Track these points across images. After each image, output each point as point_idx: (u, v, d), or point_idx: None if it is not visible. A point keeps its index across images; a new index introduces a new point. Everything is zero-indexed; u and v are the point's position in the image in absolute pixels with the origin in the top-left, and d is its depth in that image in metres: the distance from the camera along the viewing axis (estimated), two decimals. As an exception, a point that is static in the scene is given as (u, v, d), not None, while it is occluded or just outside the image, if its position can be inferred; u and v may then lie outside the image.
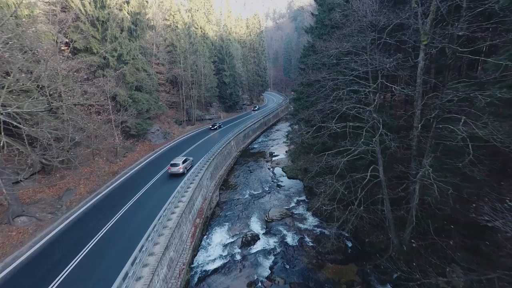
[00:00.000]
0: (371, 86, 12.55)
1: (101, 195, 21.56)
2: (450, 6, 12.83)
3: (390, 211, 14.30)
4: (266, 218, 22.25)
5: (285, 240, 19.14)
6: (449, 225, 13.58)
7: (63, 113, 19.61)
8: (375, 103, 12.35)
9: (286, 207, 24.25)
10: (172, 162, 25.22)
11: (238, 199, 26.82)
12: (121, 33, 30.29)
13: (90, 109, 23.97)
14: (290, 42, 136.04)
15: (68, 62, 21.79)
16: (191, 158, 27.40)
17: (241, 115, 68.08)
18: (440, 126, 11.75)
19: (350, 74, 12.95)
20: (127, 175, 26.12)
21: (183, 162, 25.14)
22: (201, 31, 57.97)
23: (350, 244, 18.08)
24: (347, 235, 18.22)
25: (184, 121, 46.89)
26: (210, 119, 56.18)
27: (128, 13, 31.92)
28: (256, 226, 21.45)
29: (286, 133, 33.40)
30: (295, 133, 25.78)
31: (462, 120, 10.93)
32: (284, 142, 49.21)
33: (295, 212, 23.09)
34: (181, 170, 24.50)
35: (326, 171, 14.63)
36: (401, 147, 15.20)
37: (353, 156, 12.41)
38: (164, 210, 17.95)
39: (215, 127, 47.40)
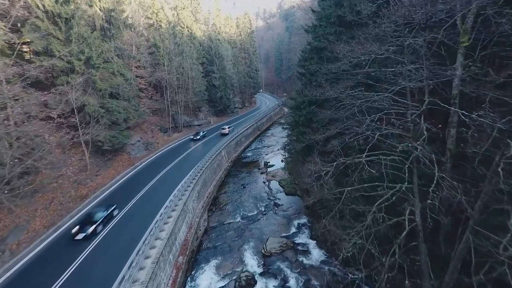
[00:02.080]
0: (419, 108, 9.24)
1: (62, 229, 17.68)
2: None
3: (426, 255, 11.16)
4: (263, 251, 18.86)
5: (287, 284, 15.79)
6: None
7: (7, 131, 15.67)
8: (419, 131, 9.09)
9: (286, 234, 20.94)
10: None
11: (229, 223, 23.31)
12: (92, 32, 26.33)
13: (48, 123, 19.95)
14: (281, 42, 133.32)
15: (20, 68, 17.84)
16: None
17: (232, 119, 64.48)
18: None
19: (386, 90, 9.67)
20: (99, 198, 22.23)
21: None
22: (188, 31, 54.04)
23: None
24: (360, 275, 15.07)
25: (169, 128, 42.94)
26: (199, 125, 52.33)
27: (100, 9, 27.92)
28: (251, 262, 18.02)
29: (283, 145, 30.04)
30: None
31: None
32: (279, 149, 46.04)
33: (296, 242, 19.79)
34: None
35: (344, 212, 11.36)
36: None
37: (387, 201, 9.21)
38: (137, 254, 14.31)
39: (199, 137, 40.84)
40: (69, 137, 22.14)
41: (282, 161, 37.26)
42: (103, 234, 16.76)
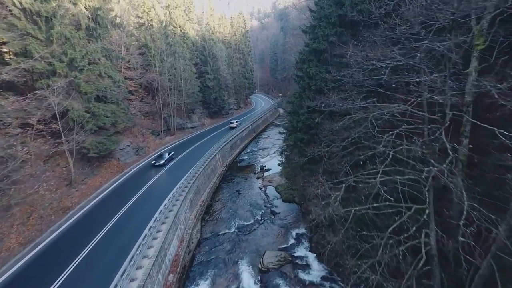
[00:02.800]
0: (443, 124, 8.09)
1: (40, 246, 16.20)
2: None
3: (440, 280, 10.15)
4: (260, 266, 17.69)
5: (286, 304, 14.70)
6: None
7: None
8: (438, 148, 8.04)
9: (284, 246, 19.81)
10: None
11: (224, 233, 22.09)
12: (77, 32, 24.79)
13: (26, 130, 18.43)
14: (276, 42, 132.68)
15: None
16: None
17: (227, 120, 63.14)
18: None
19: (401, 101, 8.56)
20: (84, 209, 20.78)
21: None
22: (181, 31, 52.54)
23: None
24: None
25: (161, 131, 41.44)
26: (192, 127, 50.93)
27: (86, 8, 26.33)
28: (248, 278, 16.82)
29: (280, 150, 28.97)
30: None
31: None
32: (275, 152, 44.95)
33: (295, 255, 18.68)
34: None
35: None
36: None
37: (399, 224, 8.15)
38: (123, 274, 13.03)
39: (162, 161, 29.39)
40: (51, 145, 20.68)
41: (278, 164, 36.19)
42: (90, 248, 15.39)
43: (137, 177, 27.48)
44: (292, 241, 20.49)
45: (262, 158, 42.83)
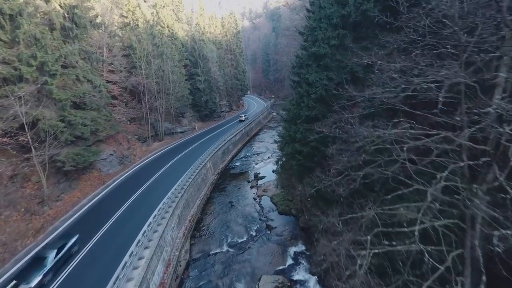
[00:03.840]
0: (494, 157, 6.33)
1: (1, 280, 13.96)
2: None
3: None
4: (255, 293, 15.95)
5: None
6: None
7: None
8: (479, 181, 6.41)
9: (281, 268, 18.09)
10: None
11: (215, 253, 20.21)
12: (51, 32, 22.47)
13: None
14: (268, 43, 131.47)
15: None
16: None
17: (219, 123, 61.17)
18: None
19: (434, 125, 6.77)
20: (58, 231, 18.54)
21: None
22: (169, 31, 50.20)
23: None
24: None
25: (149, 137, 39.13)
26: (182, 132, 48.71)
27: (60, 6, 23.96)
28: (242, 309, 15.06)
29: (276, 160, 27.33)
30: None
31: None
32: (269, 157, 43.33)
33: (294, 278, 16.96)
34: None
35: None
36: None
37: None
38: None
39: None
40: (18, 160, 18.36)
41: (273, 171, 34.55)
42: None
43: (121, 189, 25.27)
44: (290, 261, 18.80)
45: (256, 164, 41.08)
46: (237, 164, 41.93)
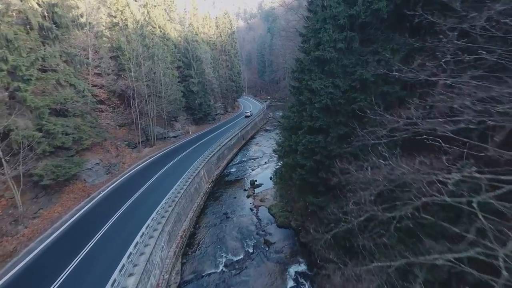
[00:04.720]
0: None
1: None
2: None
3: None
4: (253, 324, 14.34)
5: None
6: None
7: None
8: None
9: (282, 291, 16.58)
10: None
11: (209, 274, 18.52)
12: (27, 33, 20.57)
13: None
14: (263, 44, 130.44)
15: None
16: None
17: (214, 126, 59.40)
18: None
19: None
20: (34, 253, 16.57)
21: None
22: (161, 31, 48.30)
23: None
24: None
25: (139, 143, 37.17)
26: (175, 137, 46.84)
27: (38, 3, 22.01)
28: None
29: (274, 170, 25.84)
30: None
31: None
32: (266, 163, 41.80)
33: (296, 305, 15.49)
34: None
35: None
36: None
37: None
38: None
39: None
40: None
41: (271, 178, 33.04)
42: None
43: (107, 202, 23.33)
44: (291, 282, 17.23)
45: (253, 170, 39.44)
46: (232, 170, 40.25)
